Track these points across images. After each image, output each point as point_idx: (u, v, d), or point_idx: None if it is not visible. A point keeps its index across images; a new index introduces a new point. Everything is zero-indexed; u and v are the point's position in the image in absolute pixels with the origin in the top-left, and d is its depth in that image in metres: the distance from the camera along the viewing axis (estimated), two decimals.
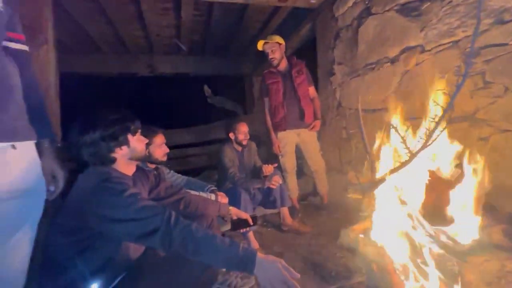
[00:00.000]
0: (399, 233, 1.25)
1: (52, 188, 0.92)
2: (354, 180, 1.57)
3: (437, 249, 1.14)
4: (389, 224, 1.32)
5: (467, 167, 1.18)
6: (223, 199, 1.67)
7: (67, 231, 0.91)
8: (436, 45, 1.68)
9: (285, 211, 2.11)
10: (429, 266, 1.08)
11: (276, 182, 1.97)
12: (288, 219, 2.09)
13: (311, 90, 2.38)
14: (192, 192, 1.52)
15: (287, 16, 3.02)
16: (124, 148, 1.00)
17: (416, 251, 1.12)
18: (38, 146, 0.88)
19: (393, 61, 1.96)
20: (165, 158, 1.61)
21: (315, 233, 1.98)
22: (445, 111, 1.13)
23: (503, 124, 1.40)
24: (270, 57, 2.26)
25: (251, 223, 1.43)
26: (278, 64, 2.29)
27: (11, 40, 0.83)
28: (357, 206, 1.90)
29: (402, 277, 1.10)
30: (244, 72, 4.45)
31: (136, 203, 0.88)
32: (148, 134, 1.48)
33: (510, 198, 1.29)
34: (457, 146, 1.28)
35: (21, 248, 0.82)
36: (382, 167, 1.36)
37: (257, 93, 4.40)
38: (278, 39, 2.27)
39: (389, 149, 1.36)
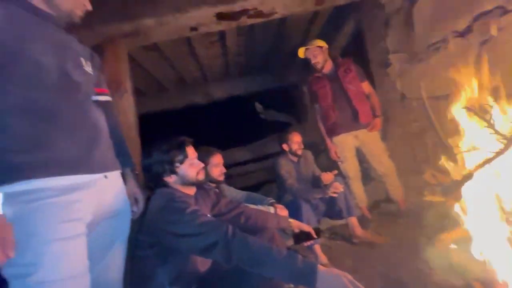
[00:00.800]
0: (507, 241, 0.98)
1: (135, 209, 1.10)
2: (432, 180, 1.32)
3: None
4: (490, 231, 1.05)
5: None
6: (283, 211, 1.64)
7: (146, 246, 1.04)
8: None
9: (353, 221, 1.92)
10: None
11: (336, 189, 1.84)
12: (358, 230, 1.90)
13: (365, 86, 2.19)
14: (251, 206, 1.55)
15: (328, 17, 2.93)
16: (173, 176, 1.11)
17: None
18: (122, 174, 1.08)
19: (464, 33, 1.64)
20: (222, 178, 1.67)
21: (394, 245, 1.73)
22: None
23: None
24: (313, 62, 2.20)
25: (315, 236, 1.35)
26: (322, 68, 2.20)
27: (98, 94, 1.06)
28: (443, 210, 1.59)
29: None
30: (292, 81, 4.45)
31: (196, 219, 0.95)
32: (204, 155, 1.61)
33: None
34: None
35: (116, 260, 0.99)
36: (468, 161, 1.11)
37: (308, 100, 4.30)
38: (319, 42, 2.20)
39: (473, 138, 1.11)
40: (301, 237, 1.36)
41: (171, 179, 1.11)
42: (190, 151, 1.15)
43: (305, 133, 3.75)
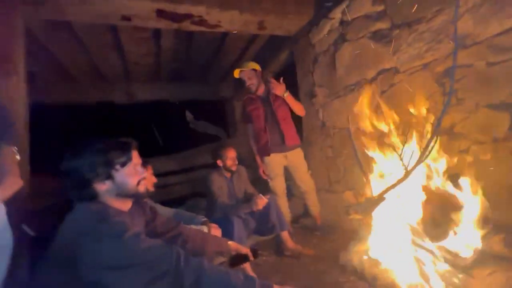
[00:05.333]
0: (403, 252, 1.24)
1: None
2: (352, 200, 1.56)
3: (441, 265, 1.14)
4: (391, 244, 1.31)
5: (464, 180, 1.23)
6: (217, 231, 1.57)
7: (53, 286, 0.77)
8: (408, 67, 1.81)
9: (285, 235, 2.04)
10: (436, 284, 1.07)
11: (262, 202, 1.90)
12: (290, 243, 2.03)
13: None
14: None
15: (265, 42, 3.15)
16: (108, 183, 0.88)
17: (422, 269, 1.10)
18: None
19: (371, 82, 2.08)
20: (153, 189, 1.60)
21: (313, 258, 1.91)
22: (435, 127, 1.19)
23: (479, 137, 1.48)
24: (247, 84, 2.28)
25: (252, 258, 1.33)
26: (256, 90, 2.31)
27: None
28: (353, 226, 1.88)
29: None
30: (225, 96, 4.49)
31: (140, 244, 0.77)
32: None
33: (503, 206, 1.34)
34: (444, 160, 1.34)
35: None
36: (379, 186, 1.37)
37: (239, 116, 4.41)
38: (254, 65, 2.29)
39: (384, 167, 1.38)
40: (238, 259, 1.31)
41: (103, 187, 0.87)
42: (135, 155, 0.95)
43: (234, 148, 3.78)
